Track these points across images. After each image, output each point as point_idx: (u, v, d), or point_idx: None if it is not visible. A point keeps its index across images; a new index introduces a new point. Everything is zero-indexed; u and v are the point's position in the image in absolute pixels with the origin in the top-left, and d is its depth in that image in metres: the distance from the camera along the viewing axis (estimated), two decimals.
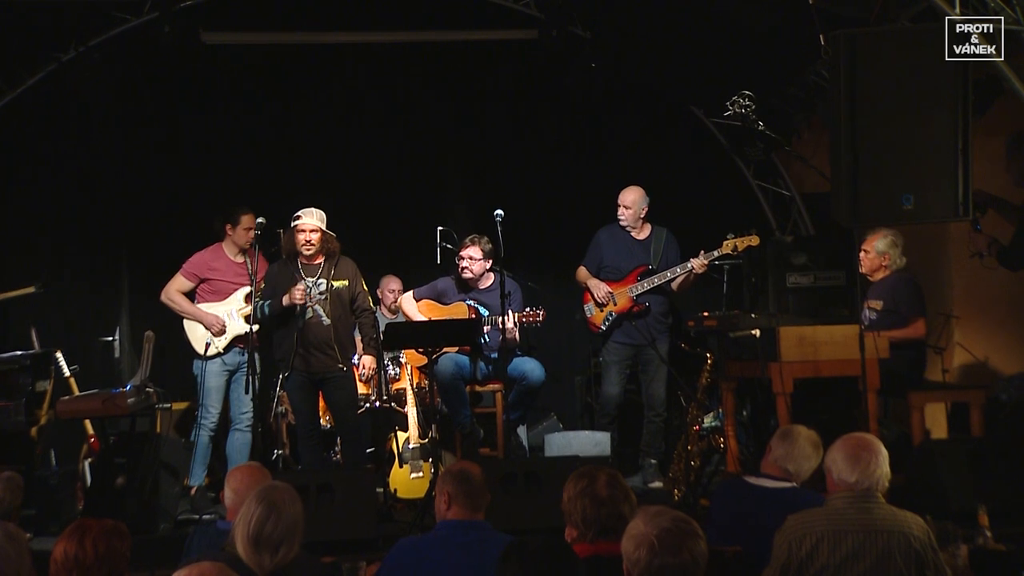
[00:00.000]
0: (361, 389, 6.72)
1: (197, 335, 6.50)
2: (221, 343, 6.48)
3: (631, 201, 6.62)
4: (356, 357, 6.71)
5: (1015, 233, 5.68)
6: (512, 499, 5.16)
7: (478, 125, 8.49)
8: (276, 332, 6.23)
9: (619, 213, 6.65)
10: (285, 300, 6.03)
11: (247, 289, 6.47)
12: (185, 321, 6.56)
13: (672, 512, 2.68)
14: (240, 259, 6.59)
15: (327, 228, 6.17)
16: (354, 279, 6.30)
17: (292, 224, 6.13)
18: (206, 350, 6.41)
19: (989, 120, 5.89)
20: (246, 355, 6.45)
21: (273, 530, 3.11)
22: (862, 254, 6.20)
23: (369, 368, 6.61)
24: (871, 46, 4.96)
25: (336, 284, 6.17)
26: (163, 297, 6.60)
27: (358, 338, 6.74)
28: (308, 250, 6.09)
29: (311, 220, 6.10)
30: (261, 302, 6.06)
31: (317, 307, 6.13)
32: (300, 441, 6.34)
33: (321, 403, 6.50)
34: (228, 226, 6.53)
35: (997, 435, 5.92)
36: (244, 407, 6.46)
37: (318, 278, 6.14)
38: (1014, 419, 6.16)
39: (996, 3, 5.00)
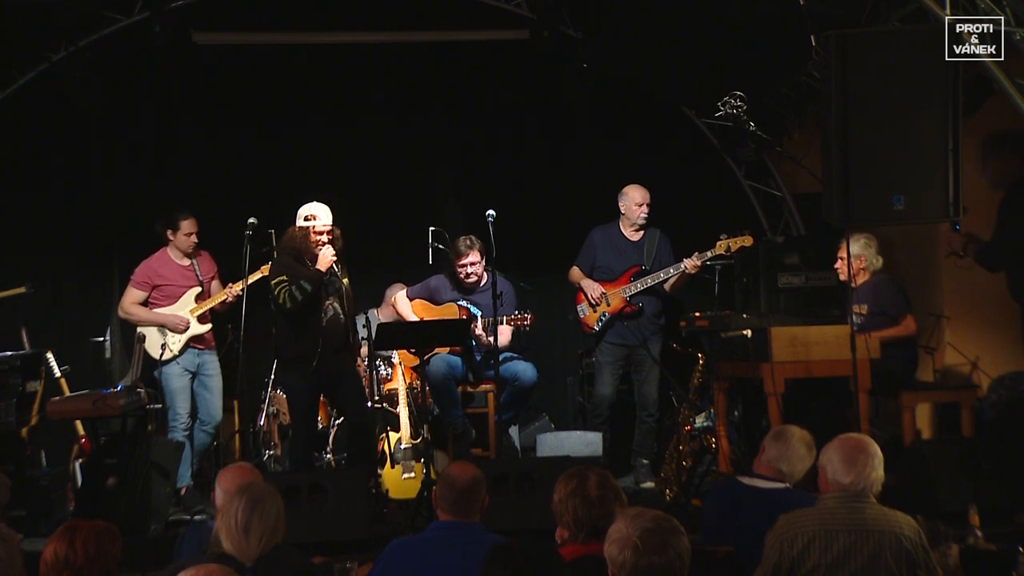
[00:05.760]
0: None
1: (152, 340, 6.47)
2: (176, 345, 6.45)
3: (648, 197, 6.63)
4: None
5: (992, 233, 5.69)
6: (504, 500, 5.13)
7: (470, 125, 8.47)
8: (289, 328, 5.92)
9: (641, 211, 6.61)
10: (322, 266, 5.77)
11: (197, 290, 6.56)
12: (138, 329, 6.52)
13: (652, 512, 2.68)
14: (186, 262, 6.60)
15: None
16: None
17: (304, 222, 5.86)
18: (162, 354, 6.39)
19: (978, 121, 5.90)
20: (203, 356, 6.55)
21: (259, 522, 3.15)
22: (839, 262, 6.19)
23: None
24: (862, 47, 4.98)
25: (345, 281, 6.06)
26: (120, 313, 6.64)
27: None
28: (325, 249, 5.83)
29: (329, 220, 5.87)
30: (290, 287, 5.74)
31: (335, 304, 6.01)
32: (301, 441, 6.22)
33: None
34: (169, 231, 6.53)
35: (988, 435, 5.93)
36: (212, 410, 6.52)
37: (331, 276, 5.97)
38: (1004, 419, 6.17)
39: (987, 4, 5.01)
